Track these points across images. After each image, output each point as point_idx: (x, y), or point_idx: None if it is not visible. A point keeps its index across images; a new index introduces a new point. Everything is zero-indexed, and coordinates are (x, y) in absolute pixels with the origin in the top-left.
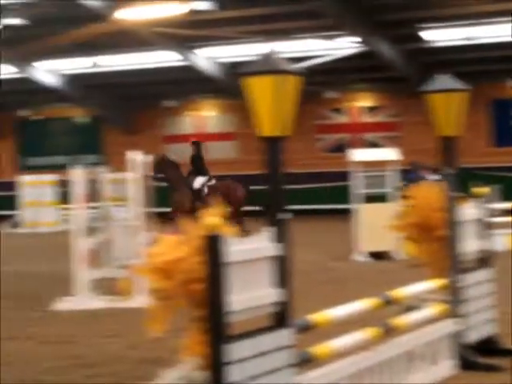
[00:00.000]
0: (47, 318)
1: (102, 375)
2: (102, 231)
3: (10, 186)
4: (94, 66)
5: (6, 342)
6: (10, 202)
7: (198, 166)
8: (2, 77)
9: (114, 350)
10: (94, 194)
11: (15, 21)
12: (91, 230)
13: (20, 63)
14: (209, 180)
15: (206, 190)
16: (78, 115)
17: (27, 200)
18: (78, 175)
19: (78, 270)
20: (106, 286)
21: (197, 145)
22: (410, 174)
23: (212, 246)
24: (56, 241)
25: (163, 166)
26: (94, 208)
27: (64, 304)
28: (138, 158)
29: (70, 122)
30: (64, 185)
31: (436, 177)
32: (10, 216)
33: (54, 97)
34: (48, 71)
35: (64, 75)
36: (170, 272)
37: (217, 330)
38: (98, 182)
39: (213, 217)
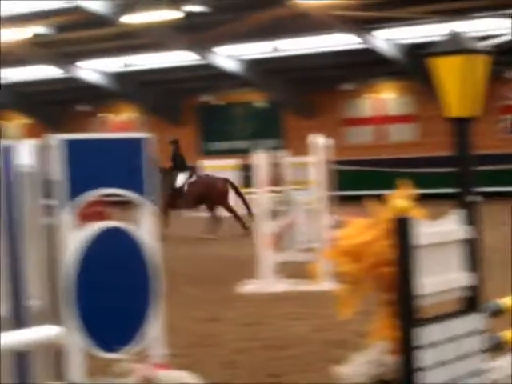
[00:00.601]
0: (233, 300)
1: (291, 357)
2: (284, 215)
3: (191, 170)
4: (274, 50)
5: (196, 324)
6: None
7: (179, 163)
8: (185, 63)
9: (300, 333)
10: (276, 178)
11: (198, 8)
12: (274, 214)
13: (202, 50)
14: (190, 177)
15: (186, 187)
16: (258, 100)
17: None
18: (260, 159)
19: (261, 253)
20: (289, 269)
21: (175, 143)
22: None
23: (401, 228)
24: (239, 225)
25: None
26: (276, 192)
27: (248, 287)
28: (320, 142)
29: (250, 106)
30: (245, 169)
31: None
32: None
33: (235, 82)
34: (228, 57)
35: (244, 60)
36: (358, 255)
37: (407, 313)
38: (280, 165)
39: (401, 199)
